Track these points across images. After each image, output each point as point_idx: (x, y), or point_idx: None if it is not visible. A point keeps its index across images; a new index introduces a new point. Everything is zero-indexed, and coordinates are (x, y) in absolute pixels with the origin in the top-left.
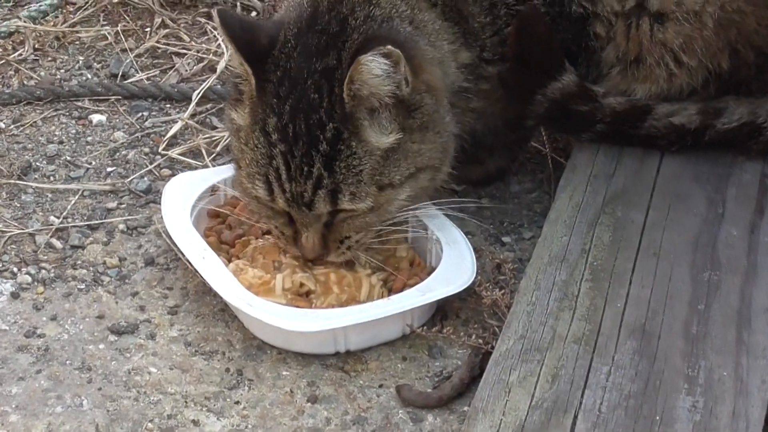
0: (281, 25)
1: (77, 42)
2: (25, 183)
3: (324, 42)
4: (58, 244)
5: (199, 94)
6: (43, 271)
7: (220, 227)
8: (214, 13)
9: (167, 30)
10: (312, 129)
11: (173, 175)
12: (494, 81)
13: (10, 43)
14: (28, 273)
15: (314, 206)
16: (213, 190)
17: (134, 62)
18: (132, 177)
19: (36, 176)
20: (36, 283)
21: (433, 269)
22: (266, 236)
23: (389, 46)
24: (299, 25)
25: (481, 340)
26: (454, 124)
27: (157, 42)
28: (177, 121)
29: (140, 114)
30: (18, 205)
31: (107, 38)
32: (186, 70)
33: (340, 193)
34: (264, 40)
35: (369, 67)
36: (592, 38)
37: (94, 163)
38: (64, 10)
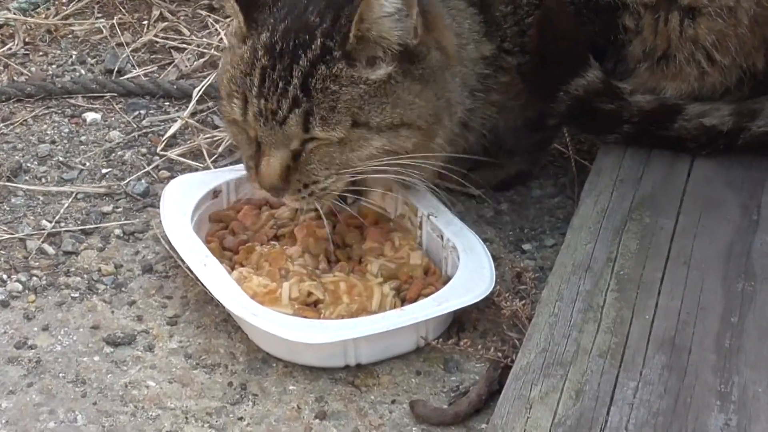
0: None
1: (70, 36)
2: (15, 185)
3: None
4: (50, 249)
5: (199, 91)
6: (35, 278)
7: (223, 233)
8: None
9: (166, 23)
10: (298, 47)
11: (172, 177)
12: (514, 73)
13: None
14: (18, 280)
15: (286, 124)
16: (215, 193)
17: (131, 57)
18: (129, 179)
19: (27, 178)
20: (27, 291)
21: (449, 278)
22: (272, 242)
23: None
24: None
25: (500, 354)
26: (462, 107)
27: (155, 36)
28: (176, 120)
29: (137, 112)
30: (7, 208)
31: (102, 32)
32: (186, 66)
33: (311, 116)
34: None
35: (381, 3)
36: (621, 31)
37: (88, 164)
38: (57, 2)
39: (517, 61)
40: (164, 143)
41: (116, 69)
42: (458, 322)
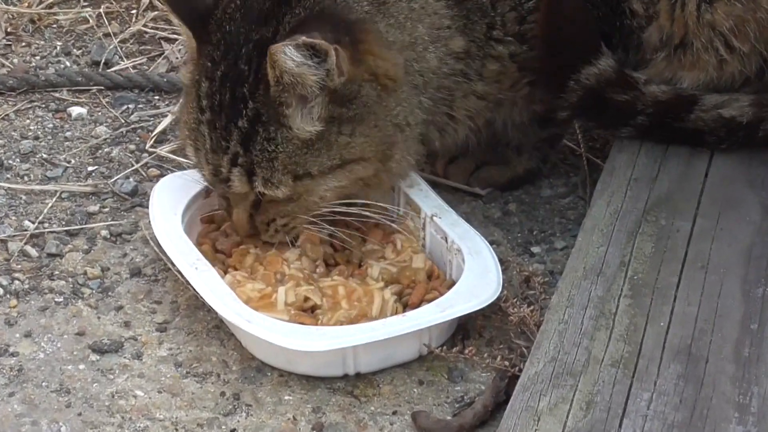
0: None
1: (54, 25)
2: None
3: (267, 9)
4: (33, 251)
5: None
6: (17, 282)
7: (215, 234)
8: None
9: (156, 12)
10: (236, 102)
11: (162, 175)
12: (506, 61)
13: None
14: None
15: (231, 183)
16: (207, 192)
17: (118, 48)
18: (116, 177)
19: (8, 176)
20: (8, 296)
21: (453, 283)
22: (267, 245)
23: (303, 38)
24: None
25: (507, 362)
26: (425, 111)
27: (144, 26)
28: (166, 115)
29: (125, 107)
30: None
31: (88, 21)
32: (177, 58)
33: (254, 176)
34: None
35: (283, 58)
36: (627, 16)
37: (73, 161)
38: None
39: (510, 50)
40: (154, 139)
41: (103, 61)
42: (463, 329)
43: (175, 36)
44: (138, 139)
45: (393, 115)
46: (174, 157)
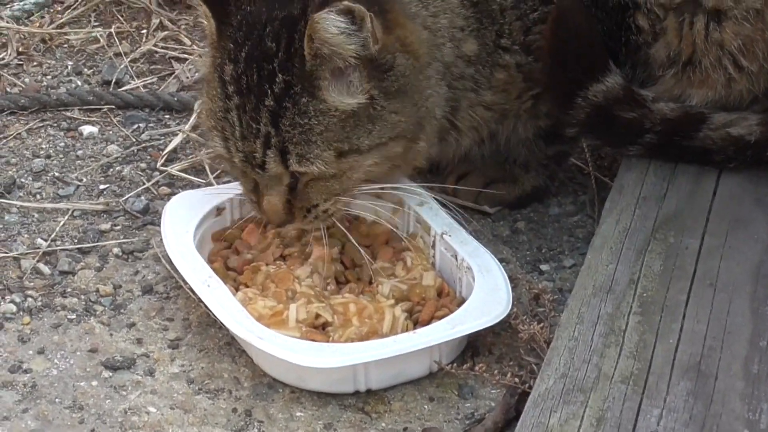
0: None
1: (66, 45)
2: (8, 201)
3: None
4: (45, 269)
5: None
6: (30, 299)
7: (227, 252)
8: None
9: (166, 32)
10: (263, 81)
11: (173, 193)
12: (513, 71)
13: None
14: (12, 301)
15: (266, 167)
16: (218, 210)
17: (129, 68)
18: (127, 195)
19: (21, 194)
20: (21, 313)
21: (463, 300)
22: (278, 262)
23: (346, 2)
24: None
25: (517, 379)
26: (442, 102)
27: (155, 45)
28: (177, 134)
29: (136, 125)
30: (1, 226)
31: (99, 41)
32: (187, 77)
33: (288, 154)
34: None
35: (325, 26)
36: (633, 31)
37: (85, 179)
38: (51, 10)
39: (517, 60)
40: (165, 158)
41: (114, 80)
42: (473, 346)
43: (185, 56)
44: (149, 157)
45: (426, 95)
46: (185, 175)
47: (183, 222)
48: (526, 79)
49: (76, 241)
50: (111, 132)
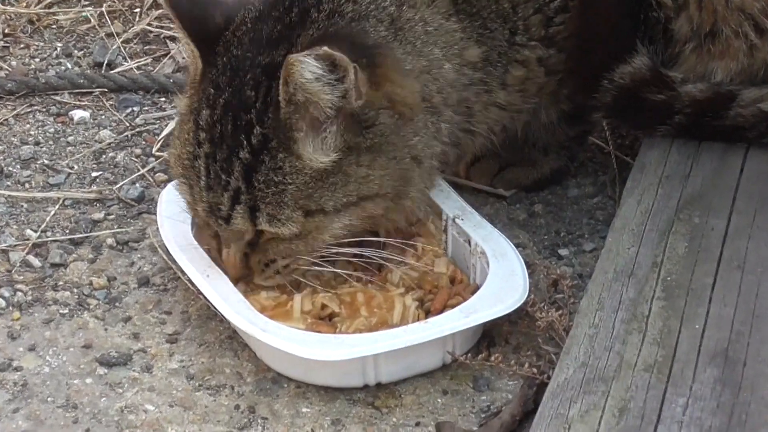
0: (243, 4)
1: (54, 26)
2: None
3: (278, 32)
4: (36, 261)
5: None
6: (19, 293)
7: None
8: None
9: (160, 10)
10: (238, 131)
11: (170, 180)
12: (534, 67)
13: None
14: (1, 296)
15: (232, 222)
16: None
17: (122, 49)
18: (121, 183)
19: (9, 183)
20: (11, 308)
21: (477, 287)
22: None
23: (325, 48)
24: (261, 8)
25: (535, 369)
26: (442, 136)
27: (149, 25)
28: (173, 117)
29: (130, 109)
30: None
31: (90, 21)
32: (183, 58)
33: (258, 212)
34: (219, 19)
35: (299, 69)
36: (654, 8)
37: (76, 167)
38: None
39: (538, 55)
40: (160, 143)
41: (106, 62)
42: (488, 336)
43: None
44: (144, 143)
45: (410, 146)
46: None
47: (180, 210)
48: (549, 73)
49: (67, 231)
50: (103, 116)
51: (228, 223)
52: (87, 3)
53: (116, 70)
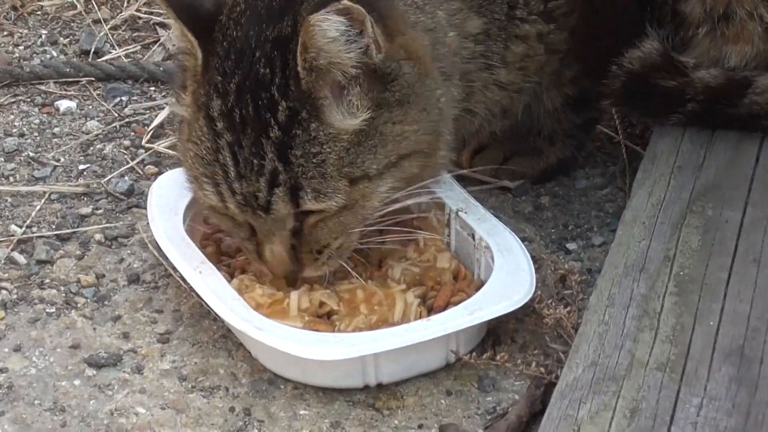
0: None
1: (39, 12)
2: None
3: (278, 4)
4: (21, 258)
5: None
6: (4, 291)
7: (220, 235)
8: None
9: None
10: (261, 112)
11: (160, 173)
12: (533, 43)
13: None
14: None
15: (272, 208)
16: None
17: (109, 36)
18: (110, 176)
19: None
20: None
21: (482, 283)
22: None
23: (346, 1)
24: None
25: (542, 369)
26: (454, 101)
27: (137, 10)
28: (164, 107)
29: (118, 99)
30: None
31: (76, 7)
32: (173, 45)
33: (301, 191)
34: (208, 5)
35: (322, 28)
36: None
37: (62, 159)
38: None
39: (538, 30)
40: (150, 134)
41: (93, 50)
42: (494, 334)
43: (171, 21)
44: (133, 134)
45: (436, 98)
46: (173, 152)
47: (171, 204)
48: (549, 51)
49: (54, 227)
50: (90, 107)
51: (267, 211)
52: None
53: (104, 58)
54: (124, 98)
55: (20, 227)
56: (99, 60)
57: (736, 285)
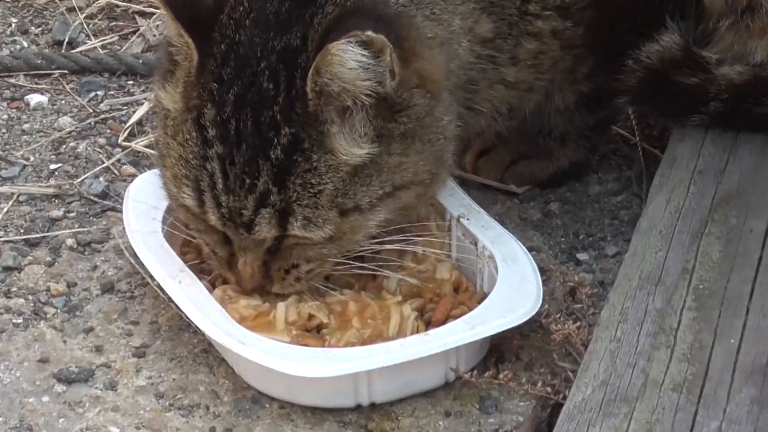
0: None
1: None
2: None
3: (286, 10)
4: None
5: None
6: None
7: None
8: None
9: None
10: (262, 130)
11: (138, 173)
12: (548, 39)
13: None
14: None
15: (255, 228)
16: None
17: (84, 25)
18: (83, 177)
19: None
20: None
21: (485, 295)
22: None
23: (369, 32)
24: None
25: (549, 389)
26: (455, 121)
27: None
28: (142, 103)
29: (93, 93)
30: None
31: None
32: (154, 35)
33: (291, 216)
34: (209, 0)
35: (342, 59)
36: None
37: (32, 158)
38: None
39: (552, 26)
40: (127, 132)
41: (66, 40)
42: (497, 351)
43: (152, 10)
44: (109, 131)
45: (443, 127)
46: (151, 152)
47: (149, 207)
48: (564, 47)
49: (22, 231)
50: (63, 101)
51: (250, 230)
52: None
53: (78, 50)
54: (99, 93)
55: None
56: (73, 51)
57: (760, 299)
